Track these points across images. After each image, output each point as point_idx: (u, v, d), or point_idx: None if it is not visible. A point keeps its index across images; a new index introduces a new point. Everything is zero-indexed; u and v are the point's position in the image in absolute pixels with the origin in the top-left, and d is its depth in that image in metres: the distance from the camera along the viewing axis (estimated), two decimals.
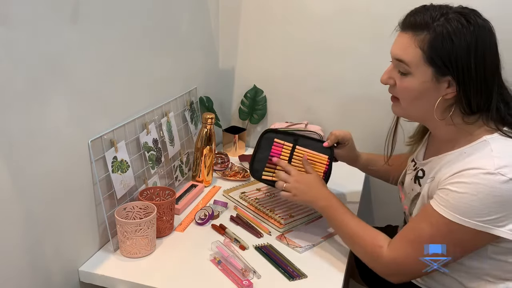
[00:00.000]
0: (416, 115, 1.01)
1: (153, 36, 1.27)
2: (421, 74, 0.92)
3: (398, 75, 0.96)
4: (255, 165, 1.28)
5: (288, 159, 1.26)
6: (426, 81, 0.92)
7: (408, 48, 0.92)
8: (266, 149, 1.28)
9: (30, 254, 0.91)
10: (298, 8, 1.62)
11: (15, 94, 0.82)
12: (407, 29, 0.94)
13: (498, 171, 0.84)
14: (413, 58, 0.91)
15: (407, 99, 0.98)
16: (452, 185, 0.89)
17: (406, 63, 0.93)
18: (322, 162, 1.26)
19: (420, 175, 1.06)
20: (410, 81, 0.94)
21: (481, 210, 0.85)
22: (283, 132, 1.30)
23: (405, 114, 1.03)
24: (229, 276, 1.03)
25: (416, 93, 0.94)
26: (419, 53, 0.91)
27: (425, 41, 0.90)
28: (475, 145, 0.92)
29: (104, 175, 1.09)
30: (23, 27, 0.81)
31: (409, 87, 0.95)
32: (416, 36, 0.91)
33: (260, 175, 1.27)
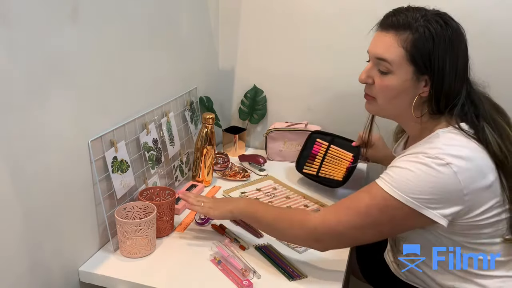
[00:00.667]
0: (392, 113, 1.04)
1: (153, 36, 1.27)
2: (403, 73, 0.94)
3: (378, 74, 0.98)
4: (300, 160, 1.51)
5: (323, 155, 1.48)
6: (406, 80, 0.95)
7: (390, 47, 0.94)
8: (310, 148, 1.51)
9: (30, 254, 0.91)
10: (298, 8, 1.62)
11: (15, 94, 0.82)
12: (389, 29, 0.95)
13: (437, 156, 0.88)
14: (396, 57, 0.93)
15: (386, 98, 0.99)
16: (397, 162, 0.94)
17: (388, 62, 0.94)
18: (346, 159, 1.43)
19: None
20: (390, 80, 0.96)
21: (416, 187, 0.88)
22: (325, 133, 1.53)
23: (380, 112, 1.05)
24: (229, 276, 1.03)
25: (396, 91, 0.97)
26: (402, 52, 0.93)
27: (408, 41, 0.92)
28: (429, 138, 0.96)
29: (104, 175, 1.09)
30: (23, 27, 0.81)
31: (390, 85, 0.96)
32: (398, 35, 0.93)
33: (302, 168, 1.50)
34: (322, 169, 1.47)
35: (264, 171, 1.60)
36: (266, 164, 1.63)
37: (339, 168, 1.45)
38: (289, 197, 1.42)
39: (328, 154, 1.48)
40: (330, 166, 1.46)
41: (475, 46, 1.00)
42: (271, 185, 1.51)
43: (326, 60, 1.65)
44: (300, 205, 1.37)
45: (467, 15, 1.07)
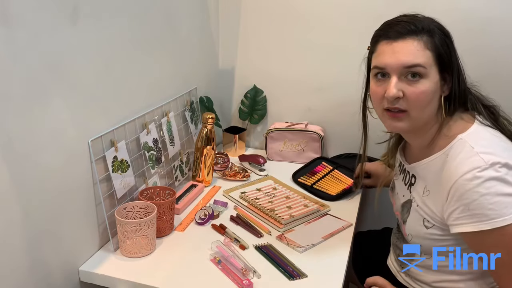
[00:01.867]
0: (423, 122, 0.98)
1: (153, 36, 1.27)
2: (434, 75, 0.93)
3: (405, 84, 0.93)
4: (298, 173, 1.58)
5: (324, 175, 1.55)
6: (437, 81, 0.94)
7: (418, 51, 0.92)
8: (312, 167, 1.61)
9: (30, 254, 0.91)
10: (298, 8, 1.62)
11: (15, 94, 0.82)
12: (407, 36, 0.93)
13: (491, 163, 0.86)
14: (428, 59, 0.92)
15: (422, 105, 0.94)
16: (462, 200, 0.88)
17: (423, 66, 0.91)
18: (346, 182, 1.50)
19: (412, 181, 1.06)
20: (425, 84, 0.92)
21: (505, 199, 0.84)
22: (331, 160, 1.64)
23: (415, 124, 0.97)
24: (229, 276, 1.03)
25: (431, 95, 0.93)
26: (429, 54, 0.92)
27: (429, 42, 0.93)
28: (453, 145, 0.93)
29: (104, 175, 1.09)
30: (23, 27, 0.81)
31: (426, 90, 0.92)
32: (421, 39, 0.92)
33: (297, 178, 1.55)
34: (318, 183, 1.51)
35: (264, 171, 1.60)
36: (266, 164, 1.63)
37: (335, 186, 1.48)
38: (289, 197, 1.42)
39: (329, 174, 1.55)
40: (327, 183, 1.51)
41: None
42: (271, 185, 1.51)
43: (326, 60, 1.65)
44: (300, 205, 1.37)
45: (466, 16, 1.08)
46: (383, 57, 0.95)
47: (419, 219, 1.00)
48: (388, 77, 0.95)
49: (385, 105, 0.96)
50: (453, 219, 0.90)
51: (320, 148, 1.67)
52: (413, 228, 1.02)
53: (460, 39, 0.99)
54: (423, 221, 0.99)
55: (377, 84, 0.97)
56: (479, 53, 1.41)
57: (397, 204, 1.13)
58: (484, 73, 1.44)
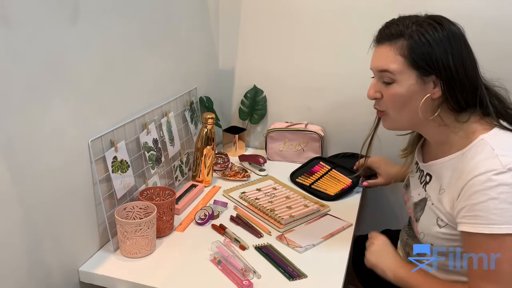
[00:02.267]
0: (407, 122, 1.02)
1: (153, 36, 1.27)
2: (407, 79, 0.95)
3: (383, 86, 0.98)
4: (296, 173, 1.58)
5: (322, 174, 1.55)
6: (412, 84, 0.95)
7: (388, 57, 0.95)
8: (310, 167, 1.61)
9: (30, 254, 0.91)
10: (298, 8, 1.62)
11: (15, 94, 0.82)
12: (383, 41, 0.97)
13: (508, 168, 0.85)
14: (397, 65, 0.94)
15: (396, 107, 0.98)
16: (470, 199, 0.88)
17: (390, 72, 0.95)
18: (344, 182, 1.50)
19: (427, 180, 1.06)
20: (396, 88, 0.96)
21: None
22: (329, 160, 1.63)
23: (396, 124, 1.03)
24: (229, 276, 1.03)
25: (404, 98, 0.96)
26: (401, 59, 0.94)
27: (404, 47, 0.94)
28: (474, 146, 0.93)
29: (104, 175, 1.09)
30: (23, 27, 0.81)
31: (397, 93, 0.96)
32: (393, 45, 0.95)
33: (295, 178, 1.54)
34: (316, 183, 1.51)
35: (264, 171, 1.60)
36: (266, 164, 1.63)
37: (334, 186, 1.48)
38: (289, 197, 1.42)
39: (327, 174, 1.55)
40: (325, 183, 1.51)
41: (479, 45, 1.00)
42: (271, 185, 1.51)
43: (326, 60, 1.65)
44: (300, 205, 1.37)
45: (466, 15, 1.08)
46: (371, 60, 1.02)
47: (432, 218, 1.00)
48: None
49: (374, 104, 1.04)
50: (460, 217, 0.91)
51: (320, 148, 1.67)
52: (426, 226, 1.02)
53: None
54: (437, 220, 0.98)
55: (371, 85, 1.03)
56: (480, 52, 1.41)
57: (410, 202, 1.12)
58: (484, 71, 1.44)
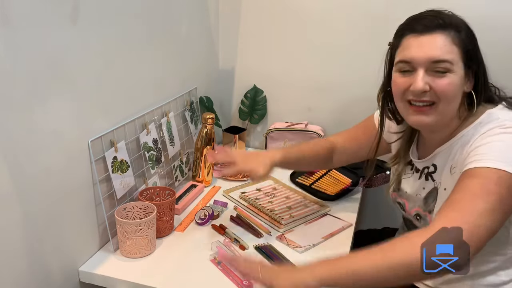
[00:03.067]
0: (451, 114, 0.98)
1: (153, 36, 1.27)
2: (459, 70, 0.94)
3: (433, 78, 0.93)
4: (296, 172, 1.57)
5: (322, 174, 1.54)
6: (462, 76, 0.94)
7: (445, 46, 0.92)
8: None
9: (30, 254, 0.91)
10: (298, 8, 1.62)
11: (15, 94, 0.82)
12: (435, 30, 0.93)
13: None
14: (455, 55, 0.93)
15: (449, 98, 0.94)
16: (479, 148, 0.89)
17: (449, 61, 0.92)
18: (344, 182, 1.48)
19: (431, 170, 1.05)
20: (452, 78, 0.93)
21: None
22: None
23: (443, 117, 0.97)
24: (229, 276, 1.03)
25: (457, 89, 0.95)
26: (456, 50, 0.93)
27: (457, 38, 0.93)
28: (481, 119, 0.95)
29: (104, 175, 1.09)
30: (23, 27, 0.81)
31: (453, 83, 0.93)
32: (447, 34, 0.93)
33: (295, 178, 1.54)
34: (316, 183, 1.51)
35: None
36: None
37: (334, 186, 1.48)
38: (289, 197, 1.42)
39: (327, 174, 1.55)
40: (325, 183, 1.50)
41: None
42: (271, 185, 1.51)
43: (327, 60, 1.65)
44: (300, 205, 1.36)
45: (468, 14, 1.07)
46: (410, 51, 0.94)
47: None
48: (413, 71, 0.95)
49: (409, 97, 0.96)
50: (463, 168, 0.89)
51: None
52: None
53: None
54: None
55: (402, 77, 0.97)
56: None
57: (414, 201, 1.09)
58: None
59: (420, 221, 1.09)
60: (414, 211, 1.10)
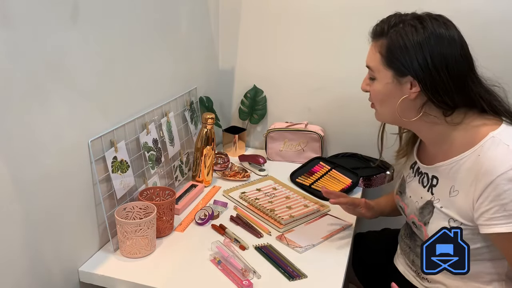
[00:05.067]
0: (390, 118, 1.04)
1: (153, 36, 1.27)
2: (384, 77, 0.98)
3: (369, 82, 1.03)
4: (296, 173, 1.58)
5: (322, 175, 1.55)
6: (388, 83, 0.98)
7: (371, 55, 1.01)
8: (310, 167, 1.61)
9: (30, 254, 0.91)
10: (298, 8, 1.62)
11: (15, 94, 0.82)
12: (372, 38, 1.01)
13: None
14: (376, 63, 0.99)
15: (377, 102, 1.04)
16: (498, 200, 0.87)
17: (371, 69, 1.01)
18: (344, 182, 1.50)
19: (434, 183, 1.04)
20: (376, 85, 1.01)
21: None
22: (329, 160, 1.63)
23: (381, 117, 1.08)
24: (229, 276, 1.03)
25: (382, 95, 1.01)
26: (379, 57, 0.98)
27: (382, 46, 0.97)
28: (485, 144, 0.92)
29: (104, 175, 1.09)
30: (23, 27, 0.81)
31: (376, 89, 1.01)
32: (376, 43, 0.99)
33: (295, 178, 1.55)
34: (316, 183, 1.51)
35: (264, 171, 1.60)
36: (266, 164, 1.63)
37: (334, 186, 1.48)
38: (289, 197, 1.42)
39: (327, 174, 1.56)
40: (325, 183, 1.52)
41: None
42: (271, 185, 1.51)
43: (326, 60, 1.65)
44: (300, 205, 1.37)
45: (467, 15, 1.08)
46: None
47: (444, 220, 0.98)
48: None
49: None
50: (485, 219, 0.89)
51: (320, 148, 1.67)
52: (437, 229, 0.98)
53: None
54: (449, 221, 0.97)
55: None
56: (481, 51, 1.42)
57: (411, 207, 1.10)
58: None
59: (417, 229, 1.09)
60: (411, 217, 1.11)
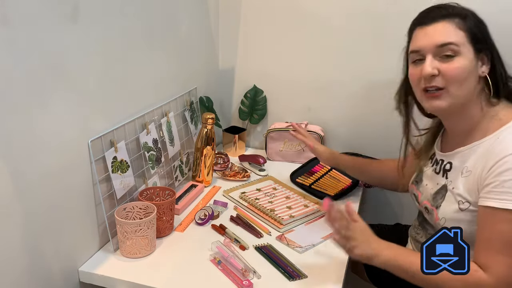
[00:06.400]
0: (464, 99, 0.99)
1: (153, 36, 1.27)
2: (468, 53, 0.97)
3: (441, 62, 0.97)
4: (296, 173, 1.58)
5: (322, 174, 1.55)
6: (471, 59, 0.97)
7: (450, 32, 0.97)
8: (310, 167, 1.61)
9: (30, 254, 0.91)
10: (298, 8, 1.62)
11: (15, 94, 0.82)
12: (438, 20, 0.98)
13: None
14: (460, 38, 0.96)
15: (458, 82, 0.96)
16: (501, 175, 0.89)
17: (455, 44, 0.96)
18: (344, 182, 1.50)
19: (447, 168, 1.06)
20: (460, 61, 0.96)
21: None
22: None
23: (456, 101, 0.98)
24: (229, 276, 1.03)
25: (467, 72, 0.96)
26: (462, 34, 0.96)
27: (465, 24, 0.97)
28: (506, 128, 0.95)
29: (104, 175, 1.09)
30: (23, 27, 0.81)
31: (461, 66, 0.96)
32: (452, 22, 0.97)
33: (295, 178, 1.54)
34: (316, 183, 1.51)
35: (264, 171, 1.60)
36: (266, 164, 1.63)
37: (334, 186, 1.49)
38: (289, 197, 1.42)
39: (327, 174, 1.55)
40: (325, 183, 1.51)
41: None
42: (271, 185, 1.51)
43: (326, 60, 1.65)
44: (300, 205, 1.36)
45: None
46: (417, 41, 1.01)
47: (454, 202, 1.00)
48: (424, 60, 0.99)
49: (423, 85, 0.99)
50: (484, 192, 0.92)
51: None
52: (448, 211, 1.01)
53: None
54: (459, 203, 0.99)
55: (414, 67, 1.02)
56: None
57: (426, 193, 1.11)
58: None
59: (428, 214, 1.10)
60: (424, 203, 1.12)
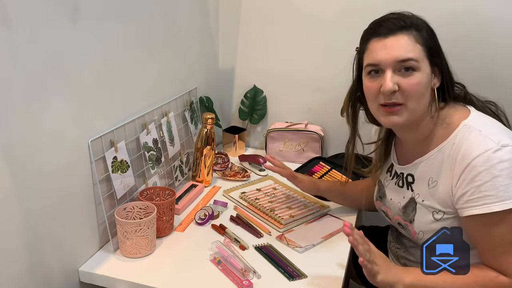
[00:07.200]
0: (420, 114, 0.98)
1: (153, 36, 1.27)
2: (425, 68, 0.96)
3: (401, 77, 0.94)
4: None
5: (322, 175, 1.54)
6: (428, 74, 0.97)
7: (409, 46, 0.95)
8: (310, 167, 1.60)
9: (30, 254, 0.91)
10: (298, 8, 1.62)
11: (15, 94, 0.82)
12: (397, 32, 0.95)
13: (501, 145, 0.88)
14: (419, 53, 0.95)
15: (417, 97, 0.95)
16: (474, 182, 0.89)
17: (415, 60, 0.94)
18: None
19: (410, 180, 1.06)
20: (419, 76, 0.95)
21: None
22: (328, 160, 1.62)
23: (413, 116, 0.97)
24: (229, 276, 1.03)
25: (425, 87, 0.96)
26: (420, 48, 0.95)
27: (421, 37, 0.96)
28: (459, 132, 0.95)
29: (104, 175, 1.09)
30: (23, 27, 0.81)
31: (421, 81, 0.95)
32: (411, 34, 0.95)
33: None
34: None
35: (264, 171, 1.60)
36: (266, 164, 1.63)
37: None
38: (289, 197, 1.42)
39: (327, 174, 1.55)
40: None
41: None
42: (271, 185, 1.51)
43: (326, 60, 1.65)
44: (300, 205, 1.36)
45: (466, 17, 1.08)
46: (376, 54, 0.97)
47: (427, 214, 1.00)
48: (381, 73, 0.97)
49: (381, 100, 0.97)
50: (462, 202, 0.91)
51: (320, 148, 1.67)
52: (423, 224, 1.01)
53: (460, 39, 1.00)
54: (433, 214, 0.99)
55: (371, 80, 0.99)
56: (479, 53, 1.42)
57: (394, 209, 1.11)
58: (483, 74, 1.44)
59: (404, 230, 1.10)
60: (395, 219, 1.12)
